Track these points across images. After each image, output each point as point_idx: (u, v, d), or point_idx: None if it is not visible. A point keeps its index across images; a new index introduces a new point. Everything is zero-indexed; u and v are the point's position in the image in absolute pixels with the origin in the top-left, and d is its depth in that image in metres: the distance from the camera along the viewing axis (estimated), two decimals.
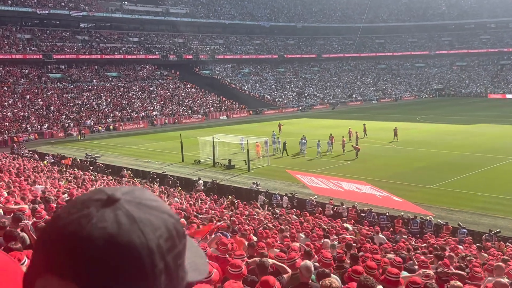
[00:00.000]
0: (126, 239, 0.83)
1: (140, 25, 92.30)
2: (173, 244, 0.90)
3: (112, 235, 0.83)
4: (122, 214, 0.86)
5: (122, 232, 0.84)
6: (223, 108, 75.18)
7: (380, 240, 14.66)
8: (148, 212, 0.89)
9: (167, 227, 0.90)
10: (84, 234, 0.83)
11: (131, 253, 0.83)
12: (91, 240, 0.82)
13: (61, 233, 0.84)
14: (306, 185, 27.77)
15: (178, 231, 0.92)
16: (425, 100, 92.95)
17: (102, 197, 0.89)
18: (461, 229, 18.95)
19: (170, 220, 0.92)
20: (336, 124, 53.72)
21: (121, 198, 0.89)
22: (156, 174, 31.46)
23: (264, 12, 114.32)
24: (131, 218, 0.86)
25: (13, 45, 70.40)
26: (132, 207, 0.88)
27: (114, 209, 0.87)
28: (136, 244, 0.83)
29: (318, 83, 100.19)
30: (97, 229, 0.83)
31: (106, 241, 0.82)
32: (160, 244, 0.86)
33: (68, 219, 0.86)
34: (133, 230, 0.85)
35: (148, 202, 0.91)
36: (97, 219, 0.84)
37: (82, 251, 0.82)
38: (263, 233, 11.48)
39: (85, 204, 0.88)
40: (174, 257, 0.89)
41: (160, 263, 0.86)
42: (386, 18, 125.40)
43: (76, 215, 0.86)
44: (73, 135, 53.88)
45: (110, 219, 0.85)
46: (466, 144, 39.96)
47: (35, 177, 21.62)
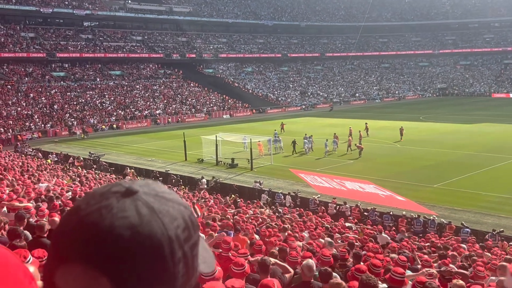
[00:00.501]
0: (147, 229, 0.86)
1: (144, 24, 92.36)
2: (189, 234, 0.93)
3: (134, 225, 0.85)
4: (142, 205, 0.89)
5: (144, 222, 0.86)
6: (226, 107, 75.20)
7: (383, 240, 14.64)
8: (165, 204, 0.92)
9: (183, 218, 0.93)
10: (106, 223, 0.85)
11: (152, 242, 0.85)
12: (114, 229, 0.84)
13: (83, 223, 0.87)
14: (309, 184, 27.76)
15: (193, 222, 0.95)
16: (428, 99, 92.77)
17: (121, 189, 0.92)
18: (465, 229, 18.91)
19: (186, 212, 0.95)
20: (339, 123, 53.63)
21: (139, 190, 0.92)
22: (159, 173, 31.50)
23: (267, 11, 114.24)
24: (151, 209, 0.89)
25: (17, 44, 70.56)
26: (150, 198, 0.91)
27: (134, 200, 0.90)
28: (157, 234, 0.86)
29: (321, 82, 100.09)
30: (119, 219, 0.86)
31: (128, 230, 0.84)
32: (178, 233, 0.89)
33: (89, 209, 0.88)
34: (154, 220, 0.87)
35: (164, 194, 0.94)
36: (118, 209, 0.87)
37: (106, 240, 0.84)
38: (265, 231, 11.47)
39: (104, 195, 0.91)
40: (191, 246, 0.93)
41: (179, 252, 0.89)
42: (389, 17, 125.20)
43: (96, 206, 0.88)
44: (77, 133, 53.98)
45: (131, 209, 0.88)
46: (469, 144, 39.86)
47: (39, 175, 21.67)
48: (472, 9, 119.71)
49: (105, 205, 0.88)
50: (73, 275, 0.85)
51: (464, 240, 16.89)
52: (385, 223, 20.03)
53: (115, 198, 0.90)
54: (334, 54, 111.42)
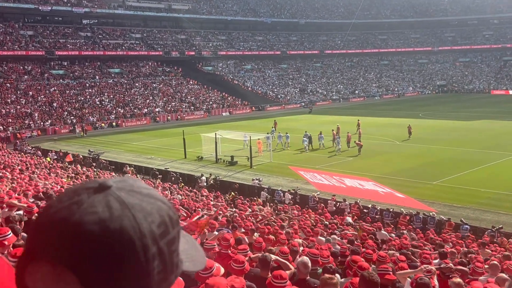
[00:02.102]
0: (117, 223, 0.83)
1: (143, 21, 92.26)
2: (166, 230, 0.89)
3: (103, 219, 0.83)
4: (113, 200, 0.86)
5: (113, 217, 0.84)
6: (226, 104, 75.17)
7: (383, 237, 14.66)
8: (139, 199, 0.89)
9: (159, 213, 0.90)
10: (74, 219, 0.83)
11: (122, 237, 0.82)
12: (81, 225, 0.82)
13: (52, 220, 0.84)
14: (308, 181, 27.73)
15: (171, 218, 0.92)
16: (428, 96, 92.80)
17: (94, 185, 0.90)
18: (464, 225, 18.95)
19: (163, 207, 0.92)
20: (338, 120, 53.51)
21: (112, 185, 0.90)
22: (159, 170, 31.51)
23: (266, 8, 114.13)
24: (123, 204, 0.86)
25: (15, 42, 70.46)
26: (123, 193, 0.88)
27: (105, 195, 0.87)
28: (128, 228, 0.83)
29: (321, 79, 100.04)
30: (87, 214, 0.83)
31: (97, 225, 0.82)
32: (152, 229, 0.86)
33: (59, 206, 0.86)
34: (125, 215, 0.85)
35: (140, 190, 0.92)
36: (87, 205, 0.85)
37: (73, 235, 0.81)
38: (264, 229, 11.48)
39: (76, 192, 0.89)
40: (168, 242, 0.89)
41: (153, 248, 0.86)
42: (389, 14, 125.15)
43: (67, 202, 0.86)
44: (76, 131, 53.95)
45: (102, 204, 0.85)
46: (469, 140, 39.88)
47: (38, 173, 21.67)
48: (471, 5, 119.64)
49: (75, 201, 0.86)
50: (40, 272, 0.83)
51: (463, 237, 16.92)
52: (385, 220, 20.05)
53: (87, 194, 0.87)
54: (334, 51, 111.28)
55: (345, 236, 13.10)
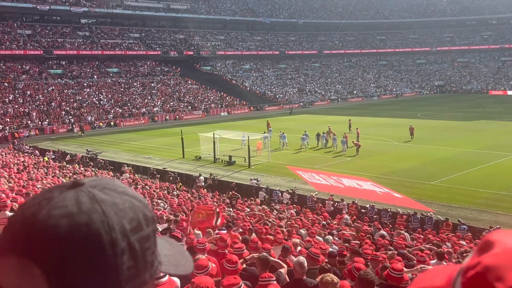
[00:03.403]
0: (85, 217, 0.83)
1: (141, 21, 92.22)
2: (139, 226, 0.89)
3: (71, 213, 0.83)
4: (84, 195, 0.87)
5: (82, 211, 0.84)
6: (224, 104, 75.14)
7: (379, 237, 14.65)
8: (112, 195, 0.89)
9: (132, 210, 0.90)
10: (43, 213, 0.83)
11: (90, 230, 0.82)
12: (48, 218, 0.82)
13: (23, 216, 0.85)
14: (306, 181, 27.72)
15: (145, 215, 0.92)
16: (426, 97, 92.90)
17: (68, 184, 0.91)
18: (461, 225, 18.97)
19: (137, 204, 0.92)
20: (336, 120, 53.56)
21: (86, 183, 0.90)
22: (157, 170, 31.48)
23: (265, 8, 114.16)
24: (93, 199, 0.86)
25: (13, 41, 70.36)
26: (96, 190, 0.88)
27: (76, 191, 0.88)
28: (95, 222, 0.83)
29: (319, 79, 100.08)
30: (56, 208, 0.83)
31: (64, 219, 0.82)
32: (122, 223, 0.86)
33: (31, 202, 0.87)
34: (94, 209, 0.84)
35: (115, 187, 0.92)
36: (57, 200, 0.85)
37: (39, 229, 0.82)
38: (262, 228, 11.48)
39: (50, 190, 0.89)
40: (140, 239, 0.88)
41: (122, 243, 0.85)
42: (387, 14, 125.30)
43: (39, 199, 0.87)
44: (74, 131, 53.90)
45: (71, 199, 0.85)
46: (467, 141, 39.93)
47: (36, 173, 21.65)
48: (469, 6, 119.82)
49: (46, 197, 0.86)
50: (7, 266, 0.83)
51: (461, 237, 16.93)
52: (383, 220, 20.06)
53: (59, 190, 0.88)
54: (332, 51, 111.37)
55: (342, 237, 13.10)
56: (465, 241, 16.07)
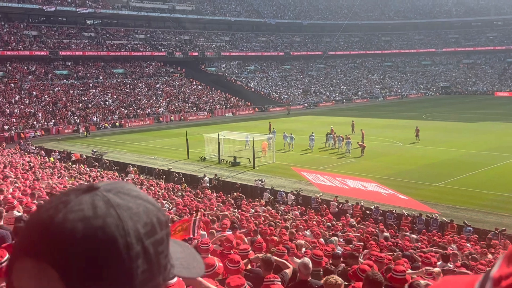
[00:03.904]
0: (100, 221, 0.84)
1: (146, 22, 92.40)
2: (153, 230, 0.90)
3: (87, 217, 0.84)
4: (99, 199, 0.88)
5: (97, 215, 0.85)
6: (229, 105, 75.20)
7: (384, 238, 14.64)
8: (126, 199, 0.91)
9: (146, 214, 0.91)
10: (60, 217, 0.84)
11: (105, 234, 0.83)
12: (65, 222, 0.83)
13: (39, 218, 0.86)
14: (311, 182, 27.77)
15: (159, 219, 0.93)
16: (431, 98, 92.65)
17: (83, 187, 0.92)
18: (467, 227, 18.92)
19: (151, 208, 0.93)
20: (342, 121, 53.50)
21: (100, 187, 0.91)
22: (162, 170, 31.56)
23: (270, 9, 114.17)
24: (108, 203, 0.87)
25: (20, 42, 70.68)
26: (110, 194, 0.90)
27: (92, 195, 0.89)
28: (111, 226, 0.84)
29: (324, 80, 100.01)
30: (72, 212, 0.85)
31: (80, 223, 0.83)
32: (137, 227, 0.87)
33: (48, 206, 0.88)
34: (109, 213, 0.86)
35: (130, 192, 0.93)
36: (73, 204, 0.86)
37: (56, 232, 0.83)
38: (267, 230, 11.50)
39: (66, 193, 0.91)
40: (154, 243, 0.90)
41: (137, 246, 0.86)
42: (392, 15, 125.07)
43: (56, 202, 0.88)
44: (80, 131, 54.07)
45: (87, 203, 0.86)
46: (472, 142, 39.81)
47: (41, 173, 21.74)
48: (475, 7, 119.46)
49: (63, 201, 0.88)
50: (25, 269, 0.84)
51: (466, 239, 16.89)
52: (388, 222, 20.04)
53: (75, 194, 0.89)
54: (337, 52, 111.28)
55: (345, 238, 13.10)
56: (470, 243, 16.03)
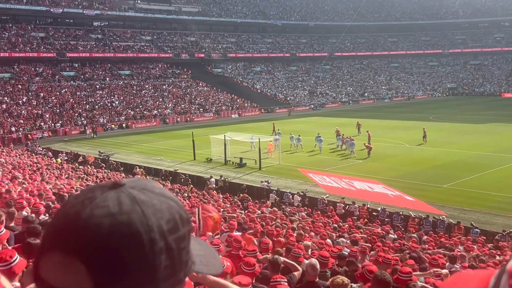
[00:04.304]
0: (126, 217, 0.87)
1: (153, 23, 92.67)
2: (175, 227, 0.93)
3: (112, 213, 0.87)
4: (124, 196, 0.91)
5: (123, 211, 0.88)
6: (235, 106, 75.27)
7: (391, 240, 14.61)
8: (150, 196, 0.93)
9: (169, 211, 0.93)
10: (86, 212, 0.87)
11: (130, 229, 0.86)
12: (91, 217, 0.86)
13: (66, 214, 0.89)
14: (317, 183, 27.75)
15: (181, 216, 0.95)
16: (438, 99, 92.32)
17: (108, 184, 0.95)
18: (474, 229, 18.84)
19: (174, 205, 0.95)
20: (348, 123, 53.41)
21: (126, 184, 0.95)
22: (168, 172, 31.63)
23: (276, 10, 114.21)
24: (133, 199, 0.90)
25: (27, 44, 71.09)
26: (135, 191, 0.93)
27: (117, 192, 0.92)
28: (136, 222, 0.87)
29: (330, 81, 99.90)
30: (98, 208, 0.87)
31: (106, 218, 0.86)
32: (160, 224, 0.90)
33: (74, 201, 0.91)
34: (134, 210, 0.88)
35: (153, 189, 0.96)
36: (99, 200, 0.89)
37: (83, 227, 0.86)
38: (273, 231, 11.50)
39: (91, 189, 0.94)
40: (177, 239, 0.92)
41: (160, 242, 0.89)
42: (399, 16, 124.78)
43: (81, 198, 0.91)
44: (87, 132, 54.29)
45: (113, 200, 0.89)
46: (479, 144, 39.64)
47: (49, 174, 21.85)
48: (482, 8, 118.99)
49: (89, 197, 0.90)
50: (52, 262, 0.87)
51: (473, 241, 16.83)
52: (394, 223, 19.99)
53: (101, 191, 0.92)
54: (343, 53, 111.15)
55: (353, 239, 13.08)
56: (478, 245, 15.97)
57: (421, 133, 41.21)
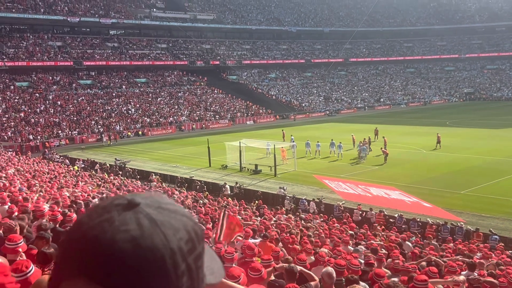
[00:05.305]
0: (149, 241, 0.86)
1: (168, 31, 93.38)
2: (193, 246, 0.92)
3: (135, 237, 0.85)
4: (143, 218, 0.89)
5: (145, 235, 0.86)
6: (250, 113, 75.37)
7: (408, 248, 14.44)
8: (167, 215, 0.92)
9: (186, 230, 0.93)
10: (107, 237, 0.85)
11: (154, 254, 0.85)
12: (115, 243, 0.84)
13: (85, 237, 0.87)
14: (333, 190, 27.61)
15: (197, 234, 0.95)
16: (455, 104, 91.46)
17: (123, 202, 0.92)
18: (493, 236, 18.54)
19: (189, 223, 0.95)
20: (364, 128, 53.12)
21: (141, 202, 0.92)
22: (184, 179, 31.72)
23: (291, 17, 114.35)
24: (153, 221, 0.89)
25: (45, 53, 72.08)
26: (152, 210, 0.91)
27: (135, 212, 0.90)
28: (159, 246, 0.86)
29: (346, 87, 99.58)
30: (120, 232, 0.86)
31: (130, 243, 0.84)
32: (181, 245, 0.89)
33: (91, 223, 0.88)
34: (155, 233, 0.87)
35: (167, 206, 0.95)
36: (119, 223, 0.87)
37: (107, 253, 0.84)
38: (289, 238, 11.44)
39: (106, 209, 0.91)
40: (195, 258, 0.92)
41: (182, 264, 0.89)
42: (414, 21, 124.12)
43: (98, 220, 0.89)
44: (103, 140, 54.74)
45: (132, 222, 0.88)
46: (497, 149, 39.12)
47: (66, 181, 22.04)
48: (499, 12, 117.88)
49: (106, 219, 0.88)
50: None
51: (492, 248, 16.56)
52: (412, 230, 19.77)
53: (117, 211, 0.90)
54: (358, 59, 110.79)
55: (370, 247, 12.95)
56: (497, 252, 15.70)
57: (436, 139, 40.90)
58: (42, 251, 5.46)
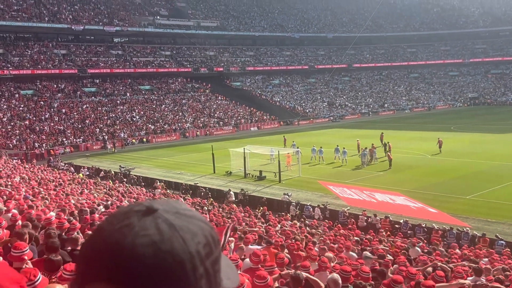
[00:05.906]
0: (168, 245, 0.88)
1: (172, 39, 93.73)
2: (210, 250, 0.95)
3: (155, 242, 0.88)
4: (162, 223, 0.91)
5: (164, 239, 0.89)
6: (254, 119, 75.43)
7: (415, 253, 14.38)
8: (185, 220, 0.95)
9: (204, 234, 0.95)
10: (128, 242, 0.87)
11: (174, 258, 0.88)
12: (135, 247, 0.87)
13: (106, 243, 0.89)
14: (338, 196, 27.54)
15: (214, 238, 0.97)
16: (459, 109, 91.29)
17: (141, 208, 0.95)
18: (499, 241, 18.44)
19: (206, 228, 0.97)
20: (368, 134, 53.06)
21: (159, 208, 0.95)
22: (189, 185, 31.73)
23: (294, 23, 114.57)
24: (171, 226, 0.91)
25: (49, 61, 72.43)
26: (170, 215, 0.94)
27: (154, 218, 0.92)
28: (178, 250, 0.89)
29: (349, 93, 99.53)
30: (140, 237, 0.88)
31: (150, 248, 0.87)
32: (199, 249, 0.92)
33: (111, 229, 0.91)
34: (175, 237, 0.90)
35: (185, 212, 0.97)
36: (139, 228, 0.90)
37: (128, 257, 0.86)
38: (294, 245, 11.41)
39: (126, 215, 0.94)
40: (212, 262, 0.94)
41: (200, 268, 0.91)
42: (418, 26, 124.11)
43: (119, 225, 0.91)
44: (108, 147, 54.85)
45: (152, 227, 0.90)
46: (503, 154, 38.98)
47: (71, 189, 22.07)
48: (502, 17, 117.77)
49: (126, 224, 0.91)
50: None
51: (498, 253, 16.47)
52: (418, 236, 19.68)
53: (136, 217, 0.92)
54: (362, 65, 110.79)
55: (376, 252, 12.90)
56: (503, 257, 15.61)
57: (444, 144, 40.86)
58: (49, 259, 5.46)
